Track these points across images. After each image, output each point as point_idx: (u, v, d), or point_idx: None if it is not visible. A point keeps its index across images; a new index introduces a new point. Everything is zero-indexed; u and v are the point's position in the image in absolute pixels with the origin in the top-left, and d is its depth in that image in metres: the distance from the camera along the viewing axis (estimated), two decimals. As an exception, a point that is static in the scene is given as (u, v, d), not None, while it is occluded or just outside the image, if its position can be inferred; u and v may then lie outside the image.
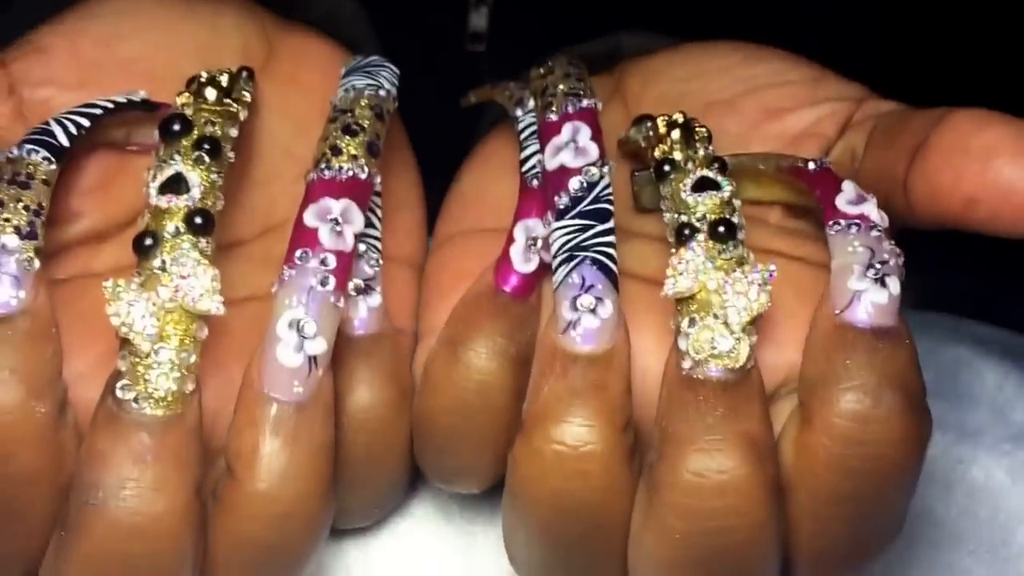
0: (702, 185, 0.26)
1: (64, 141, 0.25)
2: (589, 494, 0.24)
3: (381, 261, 0.28)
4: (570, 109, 0.28)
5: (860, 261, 0.25)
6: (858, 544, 0.26)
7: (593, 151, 0.27)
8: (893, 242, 0.26)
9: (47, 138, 0.25)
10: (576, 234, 0.26)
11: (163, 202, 0.24)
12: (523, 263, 0.28)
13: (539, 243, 0.28)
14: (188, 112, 0.26)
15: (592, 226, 0.26)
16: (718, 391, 0.24)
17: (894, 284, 0.25)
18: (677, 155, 0.27)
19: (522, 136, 0.30)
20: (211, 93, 0.27)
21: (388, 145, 0.33)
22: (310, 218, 0.26)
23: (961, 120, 0.27)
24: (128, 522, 0.22)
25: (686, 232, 0.26)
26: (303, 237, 0.25)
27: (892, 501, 0.25)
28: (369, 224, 0.28)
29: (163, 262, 0.24)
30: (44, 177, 0.25)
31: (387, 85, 0.29)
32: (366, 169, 0.27)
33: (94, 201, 0.28)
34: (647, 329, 0.27)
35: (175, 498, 0.23)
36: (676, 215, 0.26)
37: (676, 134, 0.28)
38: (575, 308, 0.25)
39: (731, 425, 0.24)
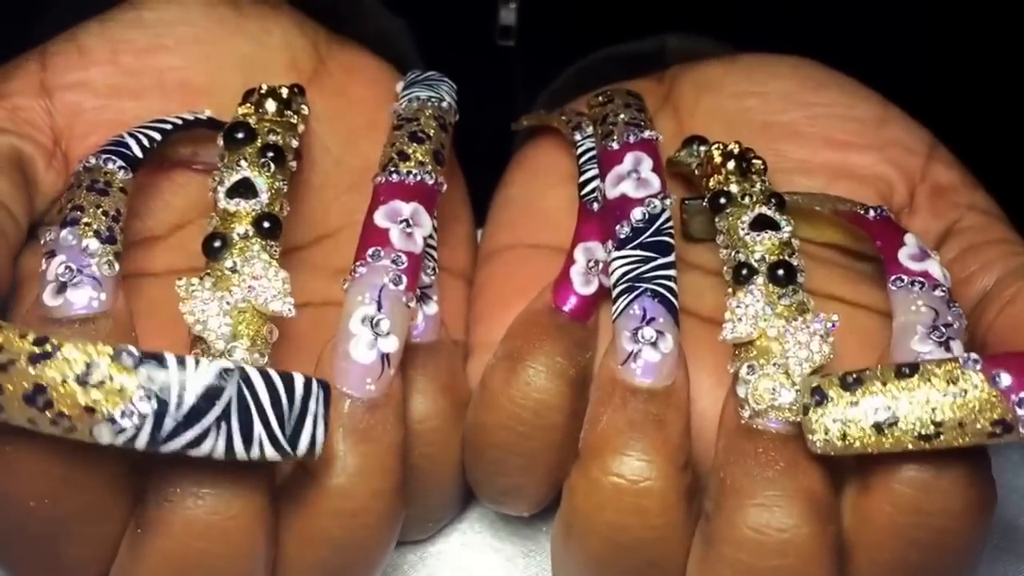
0: (760, 223, 0.26)
1: (138, 153, 0.26)
2: (645, 531, 0.24)
3: (438, 270, 0.28)
4: (631, 139, 0.28)
5: (924, 322, 0.25)
6: None
7: (655, 183, 0.27)
8: (956, 304, 0.26)
9: (123, 149, 0.26)
10: (637, 265, 0.26)
11: (232, 205, 0.25)
12: (583, 285, 0.28)
13: (600, 266, 0.28)
14: (251, 122, 0.27)
15: (654, 258, 0.26)
16: (778, 444, 0.24)
17: (958, 348, 0.25)
18: (733, 188, 0.27)
19: (581, 160, 0.30)
20: (271, 105, 0.27)
21: None
22: (381, 219, 0.26)
23: None
24: (205, 520, 0.23)
25: (744, 272, 0.25)
26: (374, 236, 0.26)
27: (955, 570, 0.25)
28: (427, 235, 0.29)
29: (234, 263, 0.24)
30: (121, 185, 0.25)
31: (447, 98, 0.30)
32: (433, 175, 0.27)
33: (145, 204, 0.28)
34: (704, 369, 0.27)
35: (251, 498, 0.23)
36: (733, 252, 0.26)
37: (731, 164, 0.28)
38: (636, 340, 0.25)
39: (792, 481, 0.24)
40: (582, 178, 0.29)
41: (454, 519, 0.31)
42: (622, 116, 0.29)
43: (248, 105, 0.27)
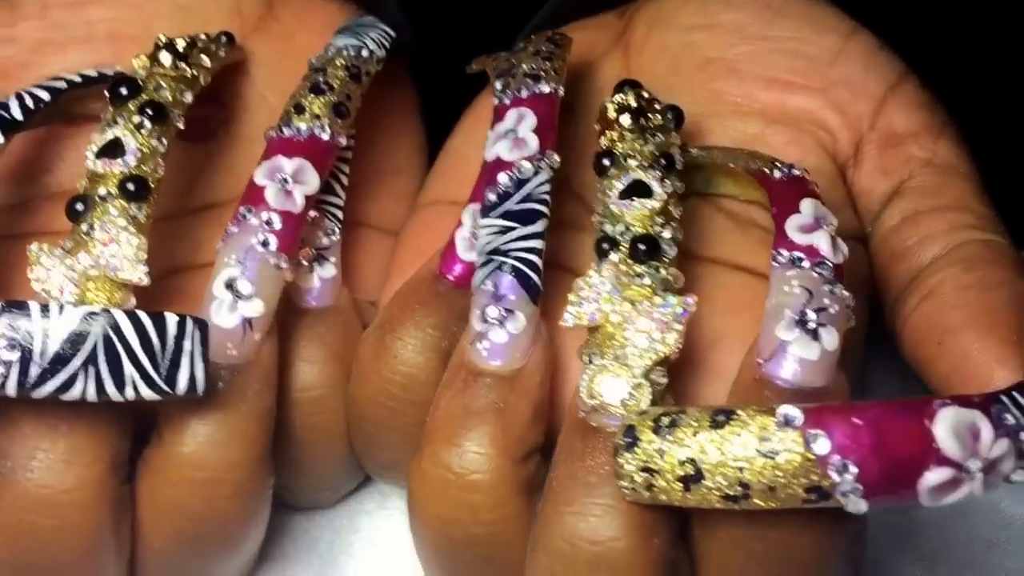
0: (633, 190, 0.24)
1: (18, 115, 0.26)
2: (476, 526, 0.23)
3: (339, 230, 0.28)
4: (523, 94, 0.26)
5: (793, 306, 0.22)
6: None
7: (533, 144, 0.25)
8: (840, 285, 0.23)
9: (1, 112, 0.26)
10: (497, 235, 0.24)
11: (99, 166, 0.25)
12: (467, 251, 0.26)
13: None
14: (141, 76, 0.26)
15: (513, 228, 0.24)
16: (609, 446, 0.22)
17: (830, 338, 0.22)
18: (622, 147, 0.25)
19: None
20: (166, 58, 0.27)
21: (391, 108, 0.32)
22: (260, 176, 0.25)
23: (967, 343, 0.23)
24: (35, 494, 0.22)
25: (604, 246, 0.23)
26: (250, 194, 0.25)
27: None
28: (330, 191, 0.28)
29: (91, 227, 0.24)
30: None
31: (372, 45, 0.29)
32: (328, 129, 0.26)
33: (59, 158, 0.28)
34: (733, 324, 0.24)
35: (87, 471, 0.23)
36: (601, 223, 0.24)
37: (626, 119, 0.25)
38: (484, 319, 0.23)
39: (615, 488, 0.22)
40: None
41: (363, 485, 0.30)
42: (523, 67, 0.26)
43: (143, 58, 0.27)
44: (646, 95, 0.26)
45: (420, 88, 0.33)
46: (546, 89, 0.26)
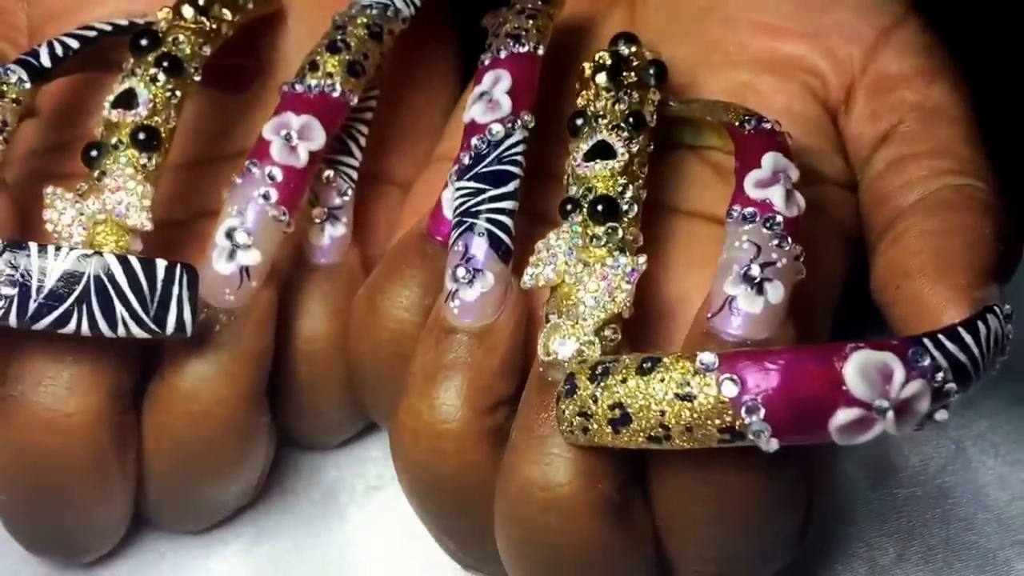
0: (596, 152, 0.24)
1: (47, 63, 0.28)
2: (446, 472, 0.24)
3: (351, 190, 0.28)
4: (501, 54, 0.26)
5: (740, 261, 0.23)
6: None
7: (506, 105, 0.25)
8: (790, 240, 0.23)
9: (31, 59, 0.28)
10: (469, 197, 0.24)
11: (113, 115, 0.26)
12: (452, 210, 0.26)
13: None
14: (162, 28, 0.27)
15: (485, 190, 0.24)
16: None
17: (775, 291, 0.22)
18: (594, 107, 0.25)
19: None
20: (187, 11, 0.28)
21: (428, 66, 0.32)
22: (268, 130, 0.26)
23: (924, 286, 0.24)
24: (41, 416, 0.24)
25: (567, 208, 0.24)
26: (257, 148, 0.26)
27: (756, 520, 0.23)
28: (346, 151, 0.29)
29: (103, 173, 0.25)
30: (15, 96, 0.27)
31: (399, 4, 0.29)
32: (339, 88, 0.27)
33: (95, 103, 0.29)
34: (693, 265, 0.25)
35: (87, 398, 0.25)
36: (567, 185, 0.24)
37: (601, 78, 0.25)
38: (455, 279, 0.24)
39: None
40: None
41: (371, 432, 0.31)
42: (506, 26, 0.27)
43: (167, 10, 0.28)
44: (625, 52, 0.26)
45: (463, 45, 0.33)
46: (524, 48, 0.26)
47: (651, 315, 0.25)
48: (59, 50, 0.28)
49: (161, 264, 0.24)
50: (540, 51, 0.26)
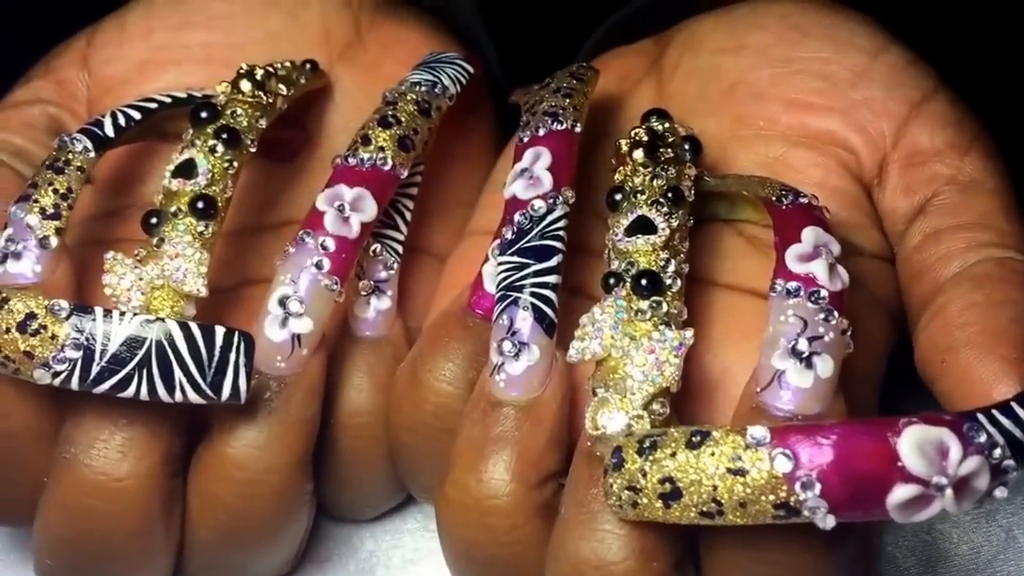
0: (637, 227, 0.25)
1: (110, 132, 0.29)
2: (496, 548, 0.24)
3: (397, 264, 0.29)
4: (541, 132, 0.27)
5: (788, 335, 0.23)
6: None
7: (547, 182, 0.26)
8: (836, 314, 0.23)
9: (96, 129, 0.28)
10: (513, 272, 0.25)
11: (173, 184, 0.27)
12: (494, 284, 0.26)
13: None
14: (221, 101, 0.28)
15: (528, 265, 0.25)
16: None
17: (824, 365, 0.23)
18: (632, 182, 0.25)
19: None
20: (245, 85, 0.29)
21: (468, 140, 0.33)
22: (321, 201, 0.27)
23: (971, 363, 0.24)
24: (92, 480, 0.25)
25: (610, 282, 0.24)
26: (311, 218, 0.27)
27: None
28: (392, 225, 0.30)
29: (161, 240, 0.26)
30: (80, 164, 0.27)
31: (446, 81, 0.30)
32: (390, 161, 0.28)
33: (153, 170, 0.31)
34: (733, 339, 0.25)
35: (139, 463, 0.25)
36: (609, 260, 0.25)
37: (639, 154, 0.26)
38: (500, 352, 0.24)
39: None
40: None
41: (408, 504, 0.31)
42: (543, 104, 0.27)
43: (226, 84, 0.29)
44: (660, 128, 0.27)
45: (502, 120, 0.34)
46: (563, 126, 0.27)
47: (693, 389, 0.26)
48: (122, 120, 0.29)
49: (220, 331, 0.24)
50: (578, 128, 0.27)
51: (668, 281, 0.24)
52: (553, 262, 0.25)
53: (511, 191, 0.26)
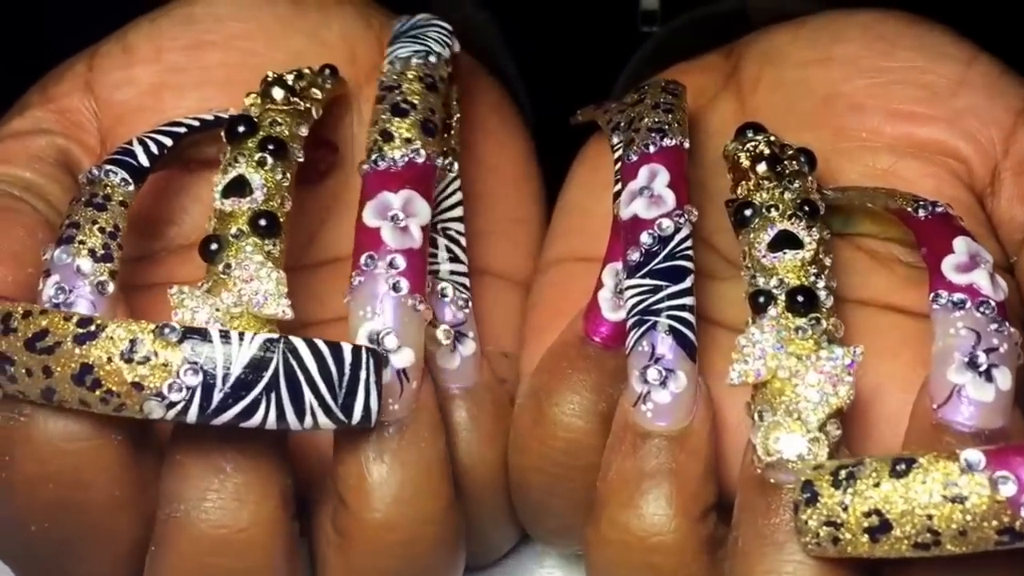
0: (781, 242, 0.24)
1: (145, 162, 0.26)
2: None
3: (470, 303, 0.27)
4: (651, 149, 0.26)
5: (962, 348, 0.22)
6: None
7: (670, 200, 0.25)
8: (1007, 324, 0.23)
9: (128, 158, 0.26)
10: (647, 295, 0.24)
11: (227, 205, 0.25)
12: (612, 310, 0.26)
13: None
14: (254, 113, 0.26)
15: (663, 287, 0.24)
16: (791, 501, 0.22)
17: (1004, 377, 0.22)
18: (760, 196, 0.25)
19: (617, 167, 0.27)
20: (278, 93, 0.27)
21: (505, 157, 0.31)
22: (370, 217, 0.24)
23: None
24: (212, 535, 0.23)
25: (760, 300, 0.23)
26: (366, 239, 0.24)
27: None
28: (452, 258, 0.28)
29: (227, 266, 0.24)
30: (121, 198, 0.25)
31: (436, 47, 0.28)
32: (423, 152, 0.25)
33: (179, 207, 0.28)
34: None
35: (260, 508, 0.23)
36: (751, 276, 0.24)
37: (762, 168, 0.25)
38: (644, 380, 0.23)
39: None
40: (616, 188, 0.27)
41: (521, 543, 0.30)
42: (646, 120, 0.26)
43: (253, 95, 0.27)
44: (773, 138, 0.26)
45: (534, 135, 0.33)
46: (673, 142, 0.26)
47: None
48: (154, 148, 0.26)
49: (347, 347, 0.22)
50: (687, 144, 0.26)
51: (822, 296, 0.23)
52: (687, 283, 0.24)
53: (631, 211, 0.25)
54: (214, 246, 0.24)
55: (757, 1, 0.32)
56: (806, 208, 0.24)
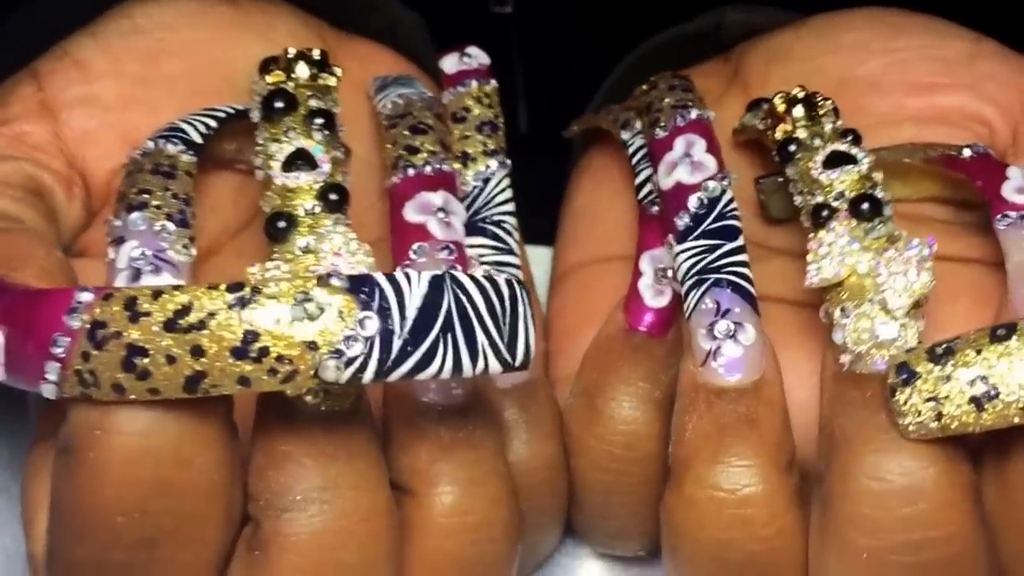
0: (835, 160, 0.25)
1: (198, 139, 0.25)
2: (755, 544, 0.23)
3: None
4: (680, 122, 0.27)
5: None
6: None
7: (711, 164, 0.26)
8: None
9: (180, 134, 0.25)
10: (703, 255, 0.24)
11: (291, 180, 0.23)
12: (655, 297, 0.26)
13: (670, 274, 0.26)
14: (289, 88, 0.25)
15: (720, 245, 0.24)
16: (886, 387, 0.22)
17: None
18: (801, 133, 0.25)
19: (634, 160, 0.28)
20: (303, 69, 0.25)
21: None
22: (412, 214, 0.24)
23: None
24: (334, 527, 0.21)
25: (824, 214, 0.24)
26: (412, 233, 0.24)
27: None
28: (506, 250, 0.28)
29: (307, 243, 0.23)
30: (187, 169, 0.24)
31: (428, 93, 0.29)
32: (449, 163, 0.26)
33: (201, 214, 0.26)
34: (798, 359, 0.25)
35: (377, 497, 0.22)
36: (809, 197, 0.24)
37: (798, 110, 0.26)
38: (713, 336, 0.23)
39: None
40: (638, 180, 0.28)
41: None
42: (667, 100, 0.27)
43: (277, 72, 0.25)
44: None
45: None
46: (700, 115, 0.27)
47: None
48: (202, 127, 0.25)
49: (502, 279, 0.21)
50: (713, 116, 0.27)
51: (884, 204, 0.24)
52: (740, 241, 0.24)
53: (674, 179, 0.26)
54: (283, 223, 0.23)
55: (735, 17, 0.32)
56: (850, 136, 0.25)
